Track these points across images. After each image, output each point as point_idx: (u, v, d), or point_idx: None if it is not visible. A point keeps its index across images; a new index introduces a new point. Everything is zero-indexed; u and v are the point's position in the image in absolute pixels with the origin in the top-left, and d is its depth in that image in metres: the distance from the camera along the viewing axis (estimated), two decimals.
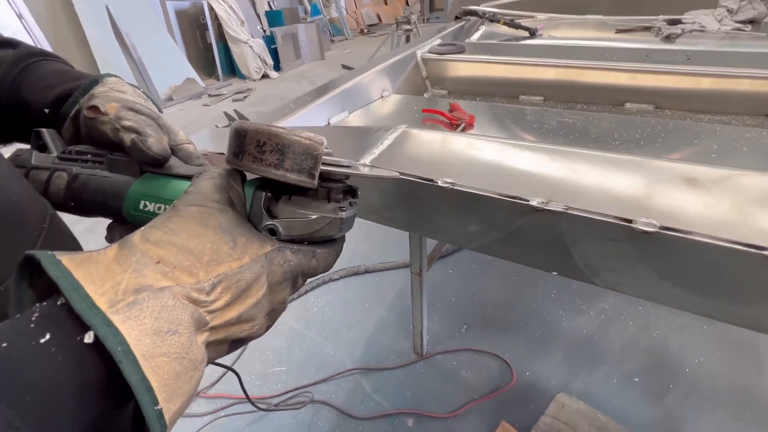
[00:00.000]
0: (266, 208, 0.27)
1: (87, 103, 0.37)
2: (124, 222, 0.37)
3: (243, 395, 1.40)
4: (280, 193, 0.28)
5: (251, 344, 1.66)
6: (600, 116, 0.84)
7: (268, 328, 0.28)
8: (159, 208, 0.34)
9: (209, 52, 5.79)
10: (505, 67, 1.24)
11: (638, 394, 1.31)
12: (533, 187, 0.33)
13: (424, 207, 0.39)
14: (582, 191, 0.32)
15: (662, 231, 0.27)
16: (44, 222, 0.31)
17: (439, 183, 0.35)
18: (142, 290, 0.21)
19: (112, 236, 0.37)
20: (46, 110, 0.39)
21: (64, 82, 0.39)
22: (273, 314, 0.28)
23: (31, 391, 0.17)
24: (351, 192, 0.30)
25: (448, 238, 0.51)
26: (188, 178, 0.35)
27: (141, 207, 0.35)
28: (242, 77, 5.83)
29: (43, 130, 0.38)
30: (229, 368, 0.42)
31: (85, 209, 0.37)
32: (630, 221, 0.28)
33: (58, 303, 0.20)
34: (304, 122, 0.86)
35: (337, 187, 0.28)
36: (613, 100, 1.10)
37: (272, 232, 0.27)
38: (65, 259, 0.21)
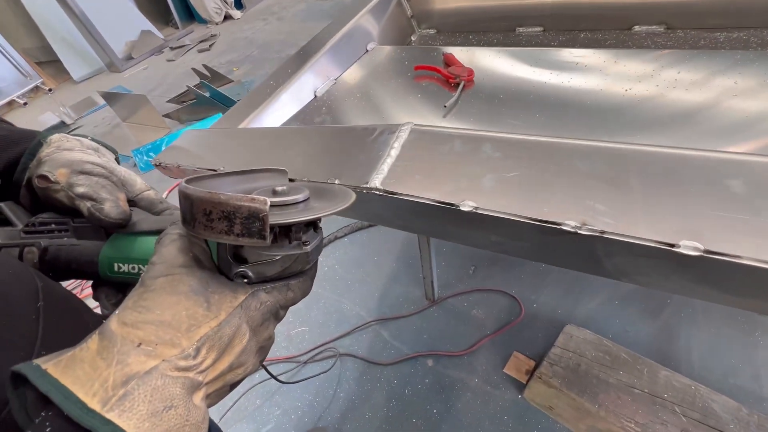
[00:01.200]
0: (232, 255, 0.28)
1: (36, 169, 0.37)
2: (105, 281, 0.37)
3: (273, 358, 1.49)
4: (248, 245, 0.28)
5: None
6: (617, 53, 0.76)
7: (262, 362, 0.31)
8: (133, 268, 0.35)
9: None
10: None
11: (637, 313, 1.41)
12: (566, 201, 0.31)
13: (444, 222, 0.37)
14: (619, 202, 0.30)
15: (707, 255, 0.25)
16: (38, 301, 0.31)
17: (462, 208, 0.32)
18: (130, 380, 0.22)
19: (97, 296, 0.38)
20: None
21: (8, 147, 0.38)
22: (263, 351, 0.30)
23: None
24: (312, 223, 0.30)
25: (468, 243, 0.50)
26: (154, 232, 0.35)
27: (115, 269, 0.36)
28: (202, 21, 5.25)
29: (2, 205, 0.38)
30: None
31: (63, 277, 0.38)
32: (672, 245, 0.27)
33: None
34: (290, 99, 0.79)
35: (296, 227, 0.28)
36: (620, 24, 1.00)
37: (244, 276, 0.28)
38: (51, 367, 0.22)
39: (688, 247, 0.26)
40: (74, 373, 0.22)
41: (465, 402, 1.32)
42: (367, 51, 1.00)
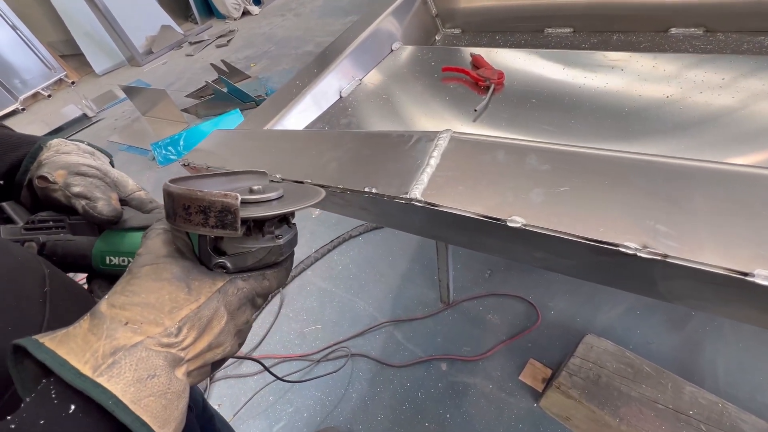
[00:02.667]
0: (212, 247, 0.31)
1: (36, 171, 0.40)
2: (98, 274, 0.41)
3: (287, 355, 1.50)
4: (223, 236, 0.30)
5: (285, 307, 1.75)
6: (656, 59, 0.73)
7: (240, 345, 0.33)
8: (123, 261, 0.39)
9: None
10: None
11: (660, 324, 1.37)
12: (623, 220, 0.29)
13: (485, 236, 0.36)
14: (682, 223, 0.28)
15: None
16: (45, 286, 0.34)
17: (509, 224, 0.31)
18: (117, 351, 0.25)
19: (92, 288, 0.42)
20: (1, 182, 0.42)
21: (10, 150, 0.42)
22: (241, 334, 0.33)
23: None
24: (285, 219, 0.33)
25: (507, 257, 0.49)
26: (143, 228, 0.38)
27: (107, 262, 0.39)
28: (221, 17, 5.30)
29: (5, 204, 0.42)
30: (250, 358, 0.58)
31: (60, 269, 0.40)
32: (746, 274, 0.25)
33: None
34: (316, 99, 0.78)
35: (269, 221, 0.31)
36: (656, 26, 0.96)
37: (223, 267, 0.31)
38: (47, 340, 0.25)
39: (764, 276, 0.24)
40: (68, 346, 0.25)
41: (479, 408, 1.30)
42: (392, 51, 0.98)
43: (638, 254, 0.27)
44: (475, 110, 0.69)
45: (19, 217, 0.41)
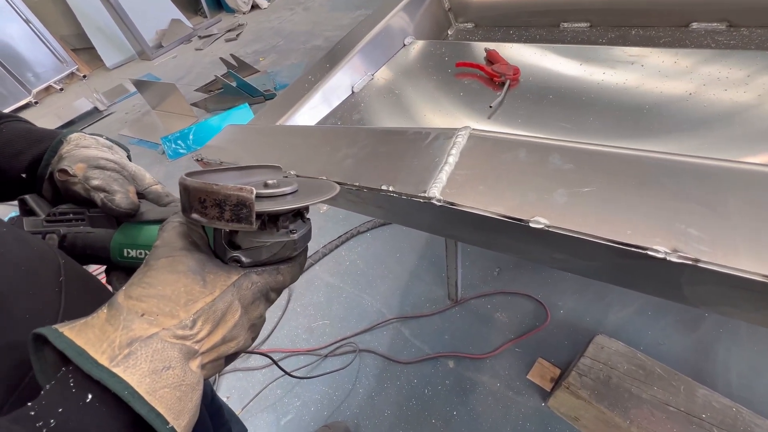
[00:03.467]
0: (227, 241, 0.31)
1: (57, 165, 0.41)
2: (117, 266, 0.41)
3: (295, 349, 1.51)
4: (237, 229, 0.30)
5: (293, 302, 1.75)
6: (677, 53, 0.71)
7: (254, 339, 0.33)
8: (140, 253, 0.39)
9: None
10: None
11: (672, 325, 1.35)
12: (651, 223, 0.28)
13: (504, 236, 0.35)
14: (714, 227, 0.27)
15: None
16: (60, 276, 0.35)
17: (531, 225, 0.30)
18: (134, 342, 0.25)
19: (110, 279, 0.42)
20: (23, 175, 0.43)
21: (32, 144, 0.43)
22: (254, 328, 0.33)
23: None
24: (299, 213, 0.33)
25: (524, 258, 0.48)
26: (160, 221, 0.39)
27: (125, 254, 0.40)
28: (230, 11, 5.30)
29: (27, 197, 0.43)
30: (259, 353, 0.61)
31: (79, 261, 0.41)
32: None
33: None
34: (328, 94, 0.77)
35: (284, 216, 0.31)
36: (676, 20, 0.94)
37: (237, 261, 0.31)
38: (66, 330, 0.25)
39: None
40: (86, 336, 0.25)
41: (486, 406, 1.30)
42: (405, 45, 0.97)
43: (668, 258, 0.26)
44: (490, 107, 0.68)
45: (40, 209, 0.42)
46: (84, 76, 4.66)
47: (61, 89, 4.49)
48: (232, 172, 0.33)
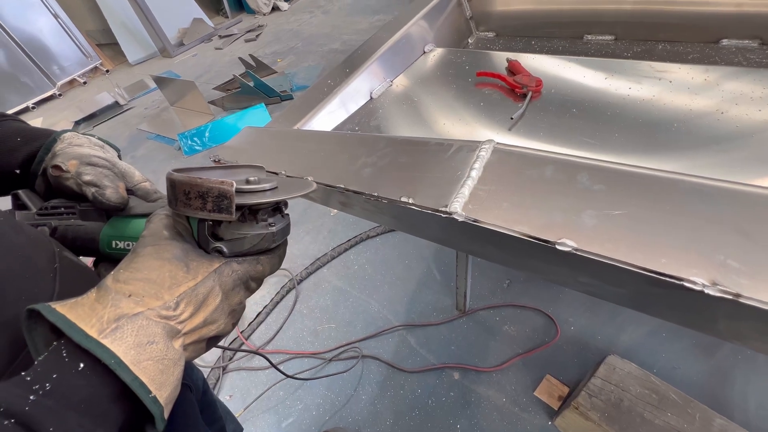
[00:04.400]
0: (211, 233, 0.33)
1: (50, 161, 0.43)
2: (105, 257, 0.43)
3: (299, 352, 1.50)
4: (220, 220, 0.32)
5: (300, 303, 1.75)
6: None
7: (234, 325, 0.35)
8: (128, 245, 0.41)
9: None
10: None
11: (688, 349, 1.30)
12: (687, 251, 0.27)
13: (527, 256, 0.33)
14: (756, 258, 0.26)
15: None
16: (55, 262, 0.36)
17: (558, 247, 0.29)
18: (121, 318, 0.28)
19: (99, 271, 0.44)
20: (17, 171, 0.45)
21: (27, 142, 0.45)
22: (234, 314, 0.35)
23: (86, 401, 0.25)
24: (278, 208, 0.36)
25: (547, 278, 0.46)
26: (147, 215, 0.41)
27: (113, 246, 0.42)
28: (251, 12, 5.38)
29: (20, 192, 0.45)
30: (260, 354, 0.66)
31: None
32: None
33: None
34: (346, 99, 0.77)
35: (263, 209, 0.33)
36: (706, 36, 0.91)
37: (219, 251, 0.33)
38: (58, 306, 0.27)
39: None
40: (77, 312, 0.27)
41: (491, 421, 1.27)
42: (425, 53, 0.96)
43: (706, 291, 0.25)
44: (512, 118, 0.67)
45: (33, 203, 0.44)
46: (107, 71, 4.78)
47: (85, 83, 4.61)
48: (217, 170, 0.35)
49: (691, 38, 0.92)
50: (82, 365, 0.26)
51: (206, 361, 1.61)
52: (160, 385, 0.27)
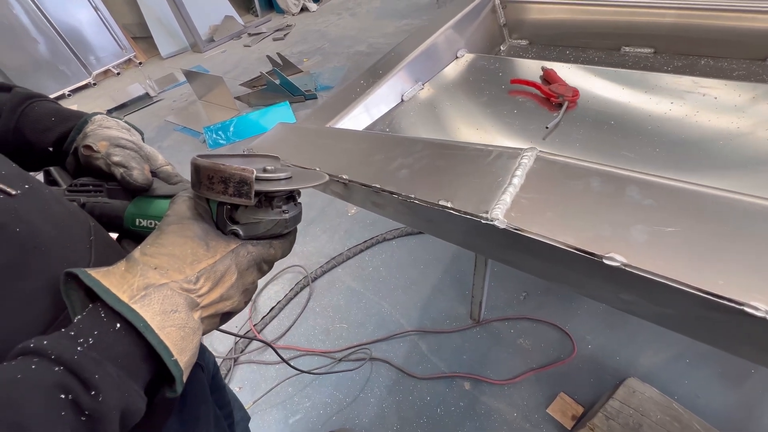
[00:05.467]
0: (228, 217, 0.36)
1: (82, 141, 0.46)
2: (128, 234, 0.46)
3: (310, 349, 1.50)
4: (239, 204, 0.35)
5: (313, 301, 1.76)
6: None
7: (246, 303, 0.38)
8: (150, 223, 0.44)
9: None
10: (606, 9, 1.02)
11: (713, 378, 1.25)
12: (746, 275, 0.25)
13: (567, 268, 0.32)
14: None
15: None
16: (90, 235, 0.39)
17: (606, 261, 0.28)
18: (149, 287, 0.30)
19: (122, 246, 0.46)
20: (50, 149, 0.48)
21: (60, 122, 0.47)
22: (247, 293, 0.37)
23: (122, 356, 0.28)
24: (292, 197, 0.38)
25: (584, 293, 0.45)
26: (167, 197, 0.44)
27: (137, 223, 0.44)
28: (280, 11, 5.48)
29: (52, 168, 0.47)
30: (272, 346, 0.70)
31: None
32: None
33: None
34: (378, 101, 0.77)
35: (279, 196, 0.36)
36: (752, 53, 0.88)
37: (236, 233, 0.36)
38: (93, 272, 0.30)
39: None
40: (109, 279, 0.30)
41: None
42: (457, 58, 0.96)
43: None
44: (547, 127, 0.66)
45: (63, 180, 0.47)
46: (140, 63, 4.94)
47: (118, 73, 4.78)
48: (237, 158, 0.38)
49: (736, 54, 0.89)
50: (118, 325, 0.28)
51: (219, 351, 1.63)
52: (180, 350, 0.30)
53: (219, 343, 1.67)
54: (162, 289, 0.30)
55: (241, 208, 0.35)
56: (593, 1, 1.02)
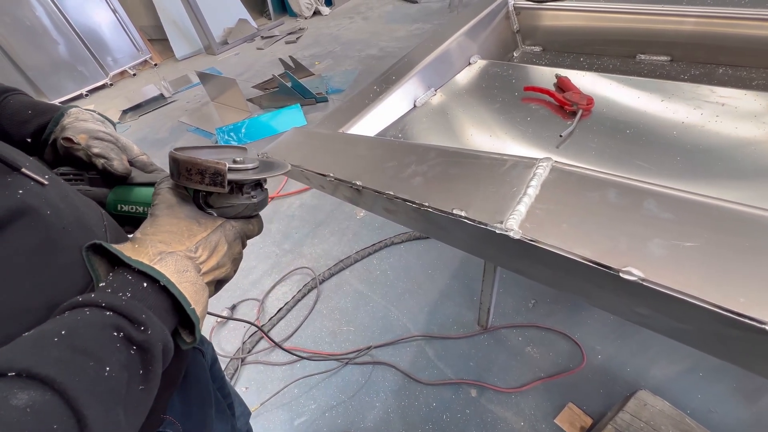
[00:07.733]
0: (204, 202, 0.41)
1: (60, 133, 0.49)
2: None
3: (317, 351, 1.50)
4: (213, 192, 0.40)
5: (321, 303, 1.76)
6: None
7: (235, 271, 0.44)
8: (132, 208, 0.48)
9: None
10: (622, 16, 1.01)
11: (728, 393, 1.22)
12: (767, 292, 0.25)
13: (581, 280, 0.32)
14: None
15: None
16: (104, 220, 0.43)
17: (623, 276, 0.27)
18: (162, 253, 0.36)
19: None
20: (29, 140, 0.50)
21: (38, 115, 0.50)
22: (236, 261, 0.43)
23: (154, 307, 0.33)
24: (259, 184, 0.44)
25: (598, 305, 0.44)
26: (146, 184, 0.49)
27: (119, 208, 0.49)
28: (293, 15, 5.54)
29: (31, 159, 0.50)
30: (282, 347, 0.79)
31: None
32: None
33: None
34: (391, 106, 0.78)
35: (247, 184, 0.42)
36: None
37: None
38: (113, 245, 0.35)
39: None
40: (127, 251, 0.35)
41: None
42: (470, 64, 0.96)
43: None
44: (561, 136, 0.65)
45: None
46: (155, 65, 5.04)
47: (134, 75, 4.88)
48: (208, 150, 0.43)
49: (755, 63, 0.87)
50: (144, 284, 0.33)
51: (226, 351, 1.65)
52: (196, 302, 0.36)
53: (227, 343, 1.69)
54: (173, 255, 0.36)
55: (215, 195, 0.41)
56: (609, 8, 1.01)
